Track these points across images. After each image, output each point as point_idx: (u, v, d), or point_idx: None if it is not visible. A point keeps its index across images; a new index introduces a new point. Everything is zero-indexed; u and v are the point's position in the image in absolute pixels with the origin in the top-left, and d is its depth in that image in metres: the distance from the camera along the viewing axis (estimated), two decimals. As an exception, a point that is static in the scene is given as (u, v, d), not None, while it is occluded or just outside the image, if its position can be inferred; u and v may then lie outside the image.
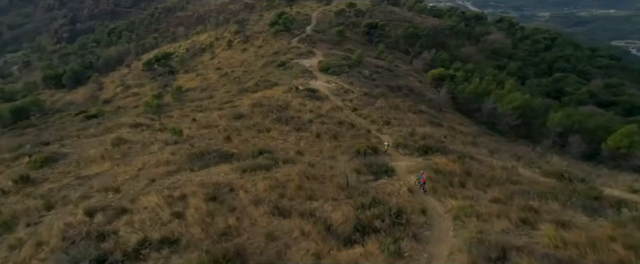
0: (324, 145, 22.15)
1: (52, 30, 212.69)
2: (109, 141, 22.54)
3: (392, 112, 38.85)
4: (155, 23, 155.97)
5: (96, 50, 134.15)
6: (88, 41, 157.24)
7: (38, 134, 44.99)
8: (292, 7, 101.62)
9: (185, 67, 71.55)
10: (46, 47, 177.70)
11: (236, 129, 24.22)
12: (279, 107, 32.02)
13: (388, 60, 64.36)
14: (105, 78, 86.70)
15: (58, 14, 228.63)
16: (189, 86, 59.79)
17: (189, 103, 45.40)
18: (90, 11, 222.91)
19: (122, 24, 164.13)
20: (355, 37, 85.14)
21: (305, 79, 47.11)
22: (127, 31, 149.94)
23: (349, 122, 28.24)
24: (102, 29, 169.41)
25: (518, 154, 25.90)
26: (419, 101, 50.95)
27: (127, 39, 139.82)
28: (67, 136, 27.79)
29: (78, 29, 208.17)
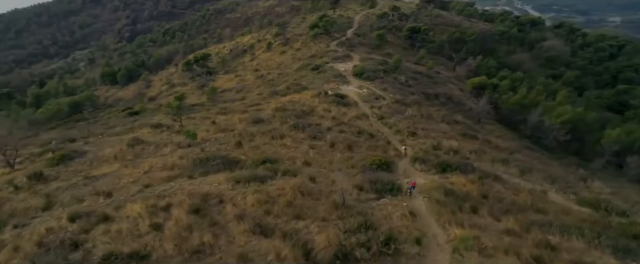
0: (336, 156, 21.25)
1: (116, 30, 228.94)
2: (126, 141, 23.24)
3: (423, 122, 36.99)
4: (206, 24, 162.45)
5: (151, 49, 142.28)
6: (145, 41, 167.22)
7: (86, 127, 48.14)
8: (335, 10, 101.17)
9: (226, 68, 73.48)
10: (109, 46, 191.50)
11: (251, 135, 24.01)
12: (302, 112, 31.52)
13: (428, 66, 61.75)
14: (154, 76, 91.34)
15: (122, 15, 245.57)
16: (227, 87, 61.22)
17: (221, 104, 46.38)
18: (150, 12, 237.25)
19: (176, 24, 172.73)
20: (396, 41, 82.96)
21: (337, 84, 46.33)
22: (179, 32, 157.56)
23: (369, 132, 27.03)
24: (158, 30, 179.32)
25: (554, 176, 23.32)
26: (457, 110, 48.30)
27: (179, 39, 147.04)
28: (93, 133, 29.15)
29: (138, 29, 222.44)
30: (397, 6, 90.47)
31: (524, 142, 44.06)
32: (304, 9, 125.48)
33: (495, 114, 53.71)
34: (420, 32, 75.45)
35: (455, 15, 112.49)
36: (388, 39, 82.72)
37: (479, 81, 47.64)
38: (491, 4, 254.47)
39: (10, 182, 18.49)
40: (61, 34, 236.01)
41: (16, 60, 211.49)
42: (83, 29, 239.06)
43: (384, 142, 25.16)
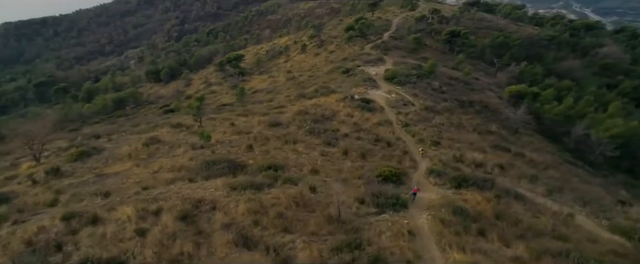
0: (346, 165, 20.58)
1: (165, 30, 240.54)
2: (143, 140, 23.91)
3: (451, 131, 35.28)
4: (248, 25, 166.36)
5: (195, 48, 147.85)
6: (190, 40, 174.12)
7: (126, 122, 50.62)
8: (373, 12, 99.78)
9: (260, 69, 74.58)
10: (158, 45, 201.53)
11: (265, 138, 23.86)
12: (322, 117, 31.05)
13: (464, 72, 59.05)
14: (194, 75, 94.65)
15: (171, 16, 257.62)
16: (259, 87, 62.08)
17: (249, 105, 46.95)
18: (197, 13, 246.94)
19: (220, 25, 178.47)
20: (435, 45, 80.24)
21: (365, 88, 45.41)
22: (222, 32, 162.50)
23: (387, 141, 26.01)
24: (203, 30, 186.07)
25: (588, 197, 21.15)
26: (493, 119, 45.72)
27: (221, 39, 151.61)
28: (117, 130, 30.38)
29: (185, 29, 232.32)
30: (438, 9, 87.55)
31: (565, 157, 40.76)
32: (343, 11, 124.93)
33: (536, 125, 50.38)
34: (459, 36, 72.42)
35: (501, 18, 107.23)
36: (426, 43, 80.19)
37: (517, 89, 44.72)
38: (546, 7, 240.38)
39: (31, 176, 19.57)
40: (116, 33, 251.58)
41: (76, 57, 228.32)
42: (136, 28, 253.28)
43: (401, 152, 24.09)
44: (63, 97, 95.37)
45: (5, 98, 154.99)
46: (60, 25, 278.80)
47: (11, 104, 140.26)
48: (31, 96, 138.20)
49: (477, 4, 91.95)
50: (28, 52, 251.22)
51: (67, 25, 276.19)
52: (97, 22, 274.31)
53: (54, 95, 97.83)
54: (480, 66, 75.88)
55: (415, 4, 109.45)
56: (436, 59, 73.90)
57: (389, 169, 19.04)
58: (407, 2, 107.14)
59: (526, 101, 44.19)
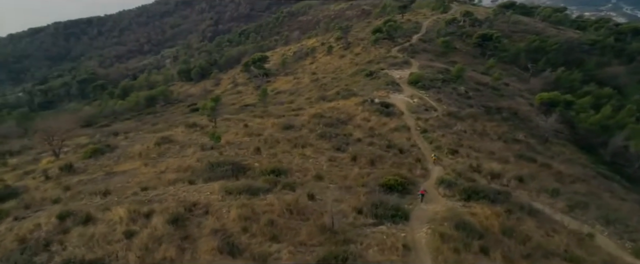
0: (353, 171, 20.07)
1: (200, 30, 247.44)
2: (155, 139, 24.40)
3: (472, 139, 33.83)
4: (279, 26, 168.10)
5: (227, 49, 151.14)
6: (223, 41, 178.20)
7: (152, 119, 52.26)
8: (403, 14, 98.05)
9: (286, 70, 75.02)
10: (192, 45, 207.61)
11: (275, 141, 23.74)
12: (337, 120, 30.63)
13: (494, 77, 56.70)
14: (223, 75, 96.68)
15: (206, 16, 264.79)
16: (283, 88, 62.40)
17: (270, 106, 47.19)
18: (231, 14, 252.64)
19: (252, 26, 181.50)
20: (466, 48, 77.72)
21: (387, 92, 44.53)
22: (254, 33, 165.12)
23: (400, 147, 25.22)
24: (236, 31, 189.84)
25: (614, 216, 19.50)
26: (522, 127, 43.56)
27: (252, 40, 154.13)
28: (135, 128, 31.25)
29: (219, 30, 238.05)
30: (470, 11, 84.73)
31: (599, 170, 38.13)
32: (374, 13, 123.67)
33: (569, 134, 47.64)
34: (491, 40, 69.70)
35: (539, 21, 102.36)
36: (456, 46, 77.84)
37: (549, 96, 42.31)
38: (593, 10, 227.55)
39: (45, 171, 20.42)
40: (155, 33, 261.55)
41: (117, 55, 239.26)
42: (173, 28, 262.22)
43: (413, 160, 23.27)
44: (101, 93, 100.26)
45: (51, 93, 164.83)
46: (104, 25, 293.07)
47: (57, 99, 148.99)
48: (75, 92, 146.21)
49: (513, 7, 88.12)
50: (74, 50, 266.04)
51: (111, 25, 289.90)
52: (138, 22, 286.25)
53: (92, 91, 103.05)
54: (513, 71, 72.74)
55: (447, 6, 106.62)
56: (466, 63, 71.55)
57: (395, 177, 18.38)
58: (439, 4, 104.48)
59: (558, 109, 41.69)
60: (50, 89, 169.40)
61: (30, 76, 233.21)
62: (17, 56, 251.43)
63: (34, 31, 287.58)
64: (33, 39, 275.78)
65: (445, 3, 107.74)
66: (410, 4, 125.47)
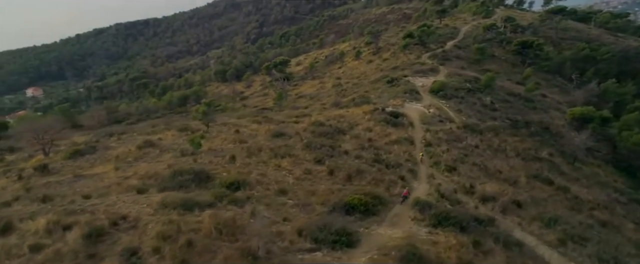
0: (323, 186, 19.11)
1: (246, 32, 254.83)
2: (138, 142, 24.78)
3: (484, 155, 31.44)
4: (319, 29, 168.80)
5: (267, 51, 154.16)
6: (264, 43, 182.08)
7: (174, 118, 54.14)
8: (441, 19, 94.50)
9: (314, 74, 74.94)
10: (236, 46, 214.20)
11: (258, 150, 23.27)
12: (336, 130, 29.71)
13: (527, 88, 52.77)
14: (256, 77, 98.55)
15: (252, 19, 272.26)
16: (306, 92, 62.30)
17: (287, 110, 47.12)
18: (276, 17, 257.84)
19: (293, 29, 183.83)
20: (505, 56, 73.25)
21: (403, 100, 42.82)
22: (294, 36, 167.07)
23: (388, 162, 23.84)
24: (278, 33, 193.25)
25: (608, 254, 16.98)
26: (550, 143, 40.03)
27: (292, 42, 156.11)
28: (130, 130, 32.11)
29: (264, 32, 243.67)
30: (512, 17, 79.74)
31: (636, 195, 33.97)
32: (413, 17, 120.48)
33: (610, 154, 43.11)
34: (531, 47, 65.05)
35: (594, 28, 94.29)
36: (494, 54, 73.69)
37: (581, 112, 38.38)
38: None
39: (21, 171, 21.22)
40: (203, 34, 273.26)
41: (168, 55, 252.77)
42: (221, 30, 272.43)
43: (396, 177, 21.88)
44: (143, 91, 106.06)
45: (106, 90, 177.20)
46: (159, 26, 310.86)
47: (110, 95, 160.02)
48: (126, 89, 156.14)
49: (563, 12, 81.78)
50: (131, 49, 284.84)
51: (165, 27, 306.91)
52: (189, 23, 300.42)
53: (135, 89, 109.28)
54: (555, 81, 67.44)
55: (491, 11, 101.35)
56: (502, 71, 67.45)
57: (360, 197, 17.23)
58: (482, 9, 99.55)
59: (592, 126, 37.79)
60: (106, 85, 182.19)
61: (92, 73, 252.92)
62: (82, 54, 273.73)
63: (98, 32, 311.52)
64: (96, 39, 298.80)
65: (488, 8, 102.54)
66: (453, 7, 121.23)
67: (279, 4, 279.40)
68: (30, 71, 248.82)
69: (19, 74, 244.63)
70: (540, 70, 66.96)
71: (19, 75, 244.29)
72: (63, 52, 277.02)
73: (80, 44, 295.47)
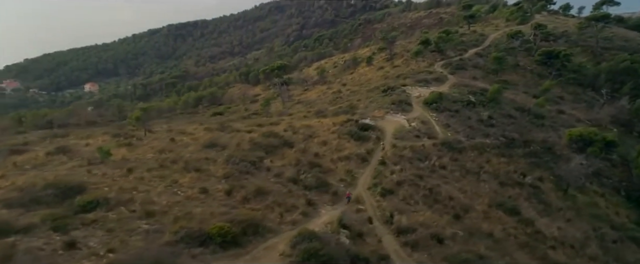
0: (203, 208, 17.76)
1: (286, 35, 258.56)
2: (51, 148, 24.57)
3: (447, 177, 28.66)
4: (353, 33, 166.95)
5: (301, 53, 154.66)
6: (299, 45, 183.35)
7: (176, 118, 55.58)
8: (469, 25, 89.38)
9: (324, 79, 73.85)
10: (274, 48, 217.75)
11: (172, 161, 22.43)
12: (281, 142, 28.35)
13: (538, 103, 48.02)
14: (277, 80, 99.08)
15: (294, 21, 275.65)
16: (308, 99, 61.40)
17: (275, 116, 46.47)
18: (316, 20, 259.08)
19: (328, 32, 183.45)
20: (531, 66, 67.48)
21: (387, 112, 40.59)
22: (327, 39, 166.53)
23: (307, 184, 22.15)
24: (314, 36, 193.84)
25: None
26: (549, 166, 35.99)
27: (325, 46, 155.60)
28: (72, 132, 32.26)
29: (303, 35, 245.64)
30: (543, 23, 73.32)
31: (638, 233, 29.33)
32: (445, 22, 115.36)
33: (624, 181, 37.92)
34: (558, 57, 59.31)
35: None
36: (519, 63, 68.23)
37: (580, 133, 33.83)
38: None
39: None
40: (246, 36, 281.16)
41: (211, 56, 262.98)
42: (263, 32, 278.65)
43: (305, 200, 20.25)
44: (171, 91, 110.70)
45: (149, 88, 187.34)
46: (207, 27, 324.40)
47: (152, 93, 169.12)
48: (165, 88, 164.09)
49: (606, 19, 73.88)
50: (180, 49, 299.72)
51: (212, 28, 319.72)
52: (235, 25, 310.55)
53: (165, 88, 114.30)
54: (585, 95, 60.88)
55: (529, 16, 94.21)
56: (523, 83, 62.14)
57: (223, 225, 15.72)
58: (518, 14, 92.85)
59: (591, 150, 33.34)
60: (149, 83, 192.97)
61: (142, 71, 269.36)
62: (135, 53, 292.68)
63: (152, 32, 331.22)
64: (150, 39, 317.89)
65: (526, 13, 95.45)
66: (490, 12, 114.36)
67: (320, 7, 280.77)
68: (90, 68, 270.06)
69: (79, 70, 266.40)
70: (569, 83, 60.87)
71: (80, 71, 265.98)
72: (119, 50, 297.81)
73: (135, 43, 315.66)
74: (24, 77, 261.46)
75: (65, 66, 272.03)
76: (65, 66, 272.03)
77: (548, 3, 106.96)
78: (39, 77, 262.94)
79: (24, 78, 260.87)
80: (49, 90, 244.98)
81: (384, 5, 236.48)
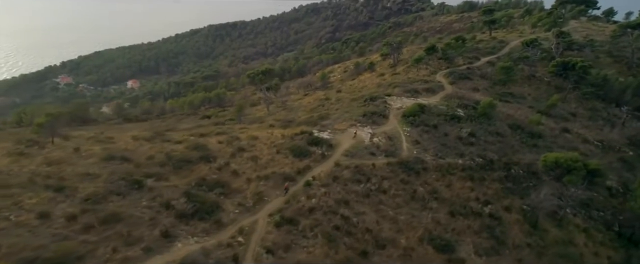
0: (16, 236, 16.38)
1: (319, 37, 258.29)
2: None
3: (385, 203, 25.76)
4: (381, 36, 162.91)
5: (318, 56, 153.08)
6: (327, 48, 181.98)
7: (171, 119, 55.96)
8: (490, 31, 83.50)
9: (326, 85, 71.83)
10: (304, 50, 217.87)
11: (46, 177, 21.37)
12: (201, 157, 26.77)
13: (532, 120, 43.11)
14: (290, 83, 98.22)
15: (328, 24, 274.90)
16: (298, 104, 59.68)
17: (248, 122, 45.27)
18: (350, 22, 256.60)
19: (356, 35, 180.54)
20: (549, 77, 61.34)
21: (352, 124, 37.97)
22: (354, 42, 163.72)
23: (179, 209, 20.25)
24: (343, 39, 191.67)
25: None
26: (525, 193, 31.84)
27: (350, 49, 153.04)
28: None
29: (336, 37, 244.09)
30: (566, 31, 66.46)
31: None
32: (467, 28, 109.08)
33: (621, 213, 32.73)
34: (575, 69, 53.31)
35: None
36: (535, 74, 62.35)
37: (556, 159, 29.23)
38: None
39: None
40: (281, 37, 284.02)
41: (245, 56, 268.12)
42: (297, 34, 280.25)
43: (160, 232, 18.38)
44: (188, 90, 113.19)
45: (181, 86, 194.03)
46: (245, 28, 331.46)
47: (184, 91, 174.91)
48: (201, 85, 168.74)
49: None
50: (217, 49, 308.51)
51: (250, 29, 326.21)
52: (271, 27, 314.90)
53: (182, 88, 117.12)
54: (605, 112, 54.11)
55: (561, 22, 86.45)
56: (535, 96, 56.44)
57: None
58: (547, 20, 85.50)
59: (568, 179, 28.85)
60: (181, 81, 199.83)
61: (180, 70, 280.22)
62: (176, 52, 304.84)
63: (193, 32, 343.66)
64: (191, 38, 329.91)
65: (559, 19, 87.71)
66: (523, 17, 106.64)
67: (356, 9, 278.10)
68: (134, 65, 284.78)
69: (124, 68, 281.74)
70: (585, 97, 54.48)
71: (124, 68, 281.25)
72: (162, 49, 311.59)
73: (177, 42, 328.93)
74: (76, 73, 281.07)
75: (112, 63, 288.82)
76: (112, 63, 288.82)
77: (588, 8, 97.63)
78: (89, 73, 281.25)
79: (77, 74, 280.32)
80: (96, 85, 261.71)
81: (420, 8, 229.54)
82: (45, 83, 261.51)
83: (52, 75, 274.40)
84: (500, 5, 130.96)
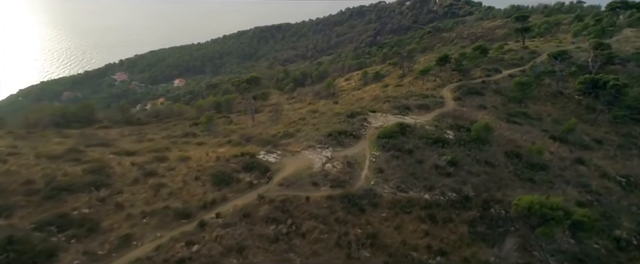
0: None
1: (360, 40, 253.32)
2: None
3: (296, 252, 21.74)
4: (418, 42, 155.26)
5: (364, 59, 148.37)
6: (364, 52, 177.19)
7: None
8: (524, 39, 74.83)
9: (331, 93, 68.12)
10: (341, 54, 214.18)
11: None
12: (92, 182, 24.28)
13: (533, 149, 36.37)
14: (309, 88, 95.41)
15: (371, 27, 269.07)
16: (291, 116, 56.57)
17: (219, 133, 42.97)
18: (392, 26, 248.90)
19: (392, 40, 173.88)
20: (580, 96, 52.87)
21: (312, 145, 34.10)
22: (389, 46, 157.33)
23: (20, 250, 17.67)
24: (381, 43, 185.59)
25: None
26: (494, 241, 26.22)
27: (381, 55, 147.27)
28: None
29: (377, 41, 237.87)
30: (605, 43, 57.05)
31: None
32: (500, 35, 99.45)
33: None
34: (606, 88, 45.06)
35: None
36: (562, 91, 54.13)
37: (530, 204, 23.19)
38: None
39: None
40: (322, 40, 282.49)
41: (286, 58, 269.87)
42: (338, 37, 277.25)
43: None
44: (210, 93, 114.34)
45: (219, 87, 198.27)
46: (289, 30, 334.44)
47: (221, 92, 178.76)
48: (231, 89, 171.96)
49: None
50: (261, 51, 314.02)
51: (293, 32, 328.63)
52: (314, 30, 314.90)
53: (205, 90, 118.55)
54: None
55: (612, 30, 75.60)
56: (556, 117, 48.51)
57: None
58: (595, 28, 75.01)
59: (541, 232, 22.94)
60: (219, 83, 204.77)
61: (224, 70, 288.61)
62: (221, 53, 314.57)
63: (240, 33, 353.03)
64: (237, 39, 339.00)
65: (610, 27, 76.72)
66: (573, 22, 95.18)
67: (401, 12, 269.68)
68: (181, 65, 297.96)
69: (173, 67, 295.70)
70: (619, 121, 45.85)
71: (173, 67, 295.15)
72: (209, 50, 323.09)
73: (224, 43, 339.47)
74: (131, 71, 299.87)
75: (163, 62, 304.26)
76: (163, 62, 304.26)
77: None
78: (142, 71, 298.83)
79: (131, 71, 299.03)
80: (147, 83, 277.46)
81: (468, 12, 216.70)
82: (104, 79, 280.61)
83: (110, 72, 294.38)
84: (550, 10, 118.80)
